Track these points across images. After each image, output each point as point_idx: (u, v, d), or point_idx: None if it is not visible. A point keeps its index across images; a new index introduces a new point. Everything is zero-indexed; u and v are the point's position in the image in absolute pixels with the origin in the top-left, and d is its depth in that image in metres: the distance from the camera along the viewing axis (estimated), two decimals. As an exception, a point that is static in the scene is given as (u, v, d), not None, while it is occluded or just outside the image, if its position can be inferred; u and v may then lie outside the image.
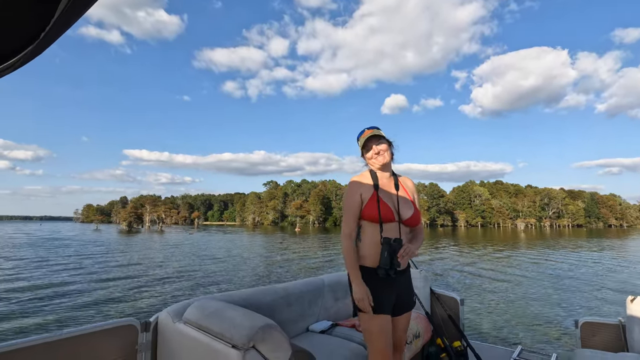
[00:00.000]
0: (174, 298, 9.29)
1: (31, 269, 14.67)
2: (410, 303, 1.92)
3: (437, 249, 25.30)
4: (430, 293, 3.11)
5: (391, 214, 1.81)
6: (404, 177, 2.01)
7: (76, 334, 1.70)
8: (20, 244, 28.56)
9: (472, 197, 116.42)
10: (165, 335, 1.94)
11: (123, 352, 1.86)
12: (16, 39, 1.22)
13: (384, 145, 1.88)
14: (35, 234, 45.61)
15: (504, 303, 8.43)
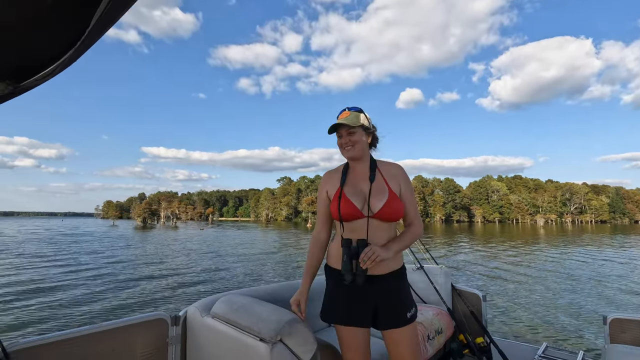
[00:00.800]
0: (186, 293, 9.51)
1: (45, 265, 15.27)
2: (402, 316, 1.54)
3: (454, 245, 24.96)
4: (451, 289, 3.08)
5: (354, 209, 1.55)
6: (387, 164, 1.69)
7: (113, 327, 1.78)
8: (35, 239, 29.60)
9: (490, 193, 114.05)
10: (194, 329, 2.00)
11: (155, 345, 1.93)
12: (55, 45, 1.27)
13: (355, 135, 1.60)
14: (53, 229, 47.35)
15: (527, 300, 8.28)
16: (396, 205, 1.55)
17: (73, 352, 1.66)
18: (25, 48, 1.32)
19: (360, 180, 1.63)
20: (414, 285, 3.12)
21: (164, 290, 9.92)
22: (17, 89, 1.56)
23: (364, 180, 1.62)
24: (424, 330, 2.52)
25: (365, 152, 1.65)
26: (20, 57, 1.40)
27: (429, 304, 3.03)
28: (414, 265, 3.18)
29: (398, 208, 1.55)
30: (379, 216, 1.53)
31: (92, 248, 21.98)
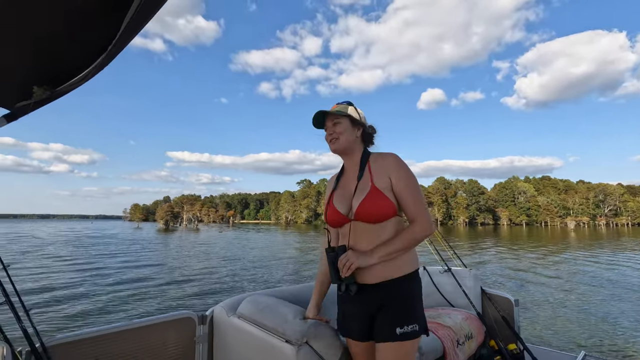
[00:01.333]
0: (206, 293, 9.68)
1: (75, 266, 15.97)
2: (386, 331, 1.33)
3: (479, 248, 24.22)
4: (481, 293, 2.97)
5: (338, 215, 1.43)
6: (380, 156, 1.48)
7: (144, 325, 1.82)
8: (63, 241, 30.96)
9: (516, 194, 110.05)
10: (220, 328, 2.02)
11: (183, 343, 1.96)
12: (88, 51, 1.30)
13: (340, 126, 1.47)
14: (81, 232, 49.55)
15: (561, 306, 7.89)
16: (376, 203, 1.34)
17: (106, 348, 1.71)
18: (60, 55, 1.37)
19: (350, 180, 1.50)
20: (441, 288, 3.03)
21: (184, 290, 10.15)
22: (54, 94, 1.62)
23: (353, 180, 1.48)
24: (453, 335, 2.44)
25: (353, 146, 1.50)
26: (55, 64, 1.45)
27: (457, 307, 2.93)
28: (441, 268, 3.09)
29: (378, 206, 1.34)
30: (358, 217, 1.37)
31: (112, 250, 22.80)
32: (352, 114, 1.48)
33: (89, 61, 1.36)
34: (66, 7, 1.05)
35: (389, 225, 1.37)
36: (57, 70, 1.43)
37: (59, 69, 1.43)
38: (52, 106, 1.58)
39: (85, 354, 1.66)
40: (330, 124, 1.50)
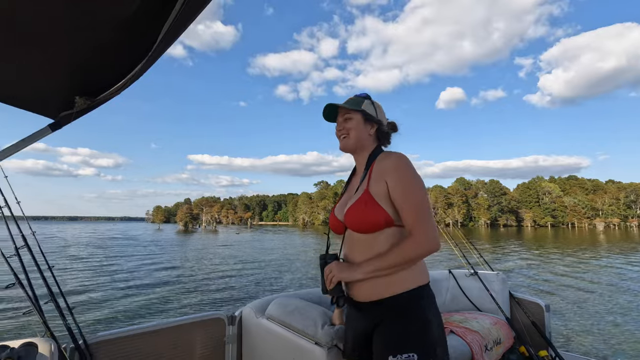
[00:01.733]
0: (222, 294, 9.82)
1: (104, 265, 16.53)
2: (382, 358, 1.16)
3: (502, 250, 23.54)
4: (509, 297, 2.90)
5: (335, 221, 1.36)
6: (385, 156, 1.29)
7: (177, 324, 1.89)
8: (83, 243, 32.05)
9: (540, 195, 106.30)
10: (249, 329, 2.06)
11: (213, 343, 2.01)
12: (126, 61, 1.36)
13: (351, 122, 1.32)
14: (104, 233, 51.31)
15: (594, 312, 7.59)
16: (363, 211, 1.18)
17: (142, 346, 1.78)
18: (100, 65, 1.44)
19: (356, 183, 1.36)
20: (468, 292, 2.98)
21: (207, 292, 10.35)
22: (94, 103, 1.70)
23: (357, 183, 1.34)
24: (481, 340, 2.39)
25: (365, 145, 1.33)
26: (95, 74, 1.53)
27: (484, 312, 2.87)
28: (467, 271, 3.03)
29: (365, 214, 1.18)
30: (348, 226, 1.25)
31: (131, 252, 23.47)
32: (366, 109, 1.32)
33: (127, 70, 1.43)
34: (106, 18, 1.11)
35: (383, 237, 1.19)
36: (97, 80, 1.51)
37: (99, 79, 1.51)
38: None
39: (123, 351, 1.74)
40: (341, 118, 1.35)
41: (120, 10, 1.05)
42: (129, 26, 1.14)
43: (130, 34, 1.19)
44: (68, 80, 1.45)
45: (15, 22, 1.06)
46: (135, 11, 1.07)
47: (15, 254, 1.61)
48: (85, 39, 1.22)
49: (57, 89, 1.48)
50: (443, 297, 3.03)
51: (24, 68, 1.35)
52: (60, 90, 1.49)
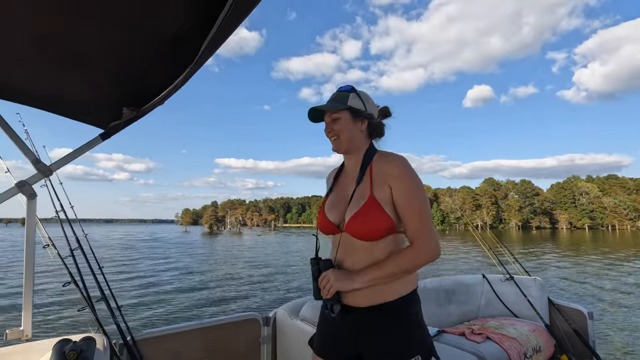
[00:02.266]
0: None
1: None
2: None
3: (535, 254, 22.49)
4: (548, 303, 2.78)
5: (328, 224, 1.25)
6: (385, 158, 1.22)
7: (215, 324, 1.96)
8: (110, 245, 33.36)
9: (577, 195, 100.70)
10: (283, 330, 2.11)
11: (249, 343, 2.07)
12: (170, 72, 1.43)
13: (339, 122, 1.23)
14: (134, 235, 53.53)
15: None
16: (371, 218, 1.13)
17: (183, 344, 1.87)
18: (146, 77, 1.53)
19: (348, 183, 1.28)
20: (503, 297, 2.89)
21: (236, 293, 10.57)
22: (140, 113, 1.80)
23: (352, 183, 1.25)
24: (520, 347, 2.32)
25: (357, 144, 1.25)
26: (141, 86, 1.63)
27: (521, 318, 2.77)
28: (502, 276, 2.94)
29: (373, 221, 1.12)
30: (349, 232, 1.17)
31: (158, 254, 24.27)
32: (353, 105, 1.22)
33: (170, 81, 1.52)
34: (152, 34, 1.19)
35: (383, 244, 1.15)
36: (143, 91, 1.61)
37: (144, 90, 1.60)
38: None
39: (167, 348, 1.83)
40: (328, 119, 1.25)
41: (166, 25, 1.12)
42: (173, 40, 1.21)
43: (174, 47, 1.26)
44: (117, 93, 1.56)
45: (69, 42, 1.15)
46: (179, 26, 1.14)
47: (70, 255, 1.73)
48: (133, 54, 1.31)
49: (107, 101, 1.59)
50: (477, 302, 2.95)
51: (78, 83, 1.47)
52: (109, 102, 1.60)
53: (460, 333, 2.44)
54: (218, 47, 1.20)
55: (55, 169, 1.57)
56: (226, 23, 1.03)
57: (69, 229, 1.84)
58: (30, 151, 1.53)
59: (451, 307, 2.78)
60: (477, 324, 2.66)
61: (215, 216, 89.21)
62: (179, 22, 1.11)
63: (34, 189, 1.51)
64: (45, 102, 1.56)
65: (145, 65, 1.39)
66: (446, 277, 2.97)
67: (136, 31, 1.14)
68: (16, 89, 1.48)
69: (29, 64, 1.29)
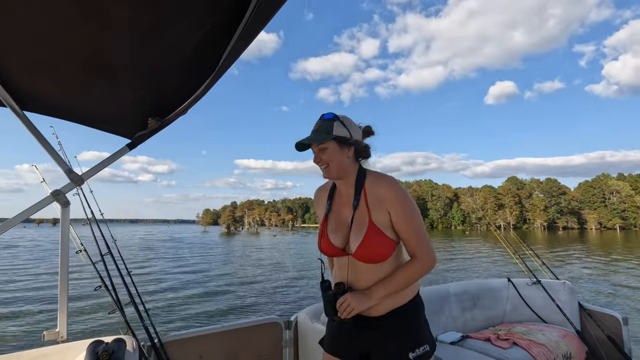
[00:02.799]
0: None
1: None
2: (402, 358, 1.24)
3: (562, 256, 21.62)
4: (578, 308, 2.67)
5: (333, 248, 1.31)
6: (376, 181, 1.30)
7: (238, 327, 2.00)
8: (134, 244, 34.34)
9: (607, 194, 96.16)
10: (305, 334, 2.11)
11: (271, 346, 2.10)
12: (192, 83, 1.47)
13: (327, 152, 1.28)
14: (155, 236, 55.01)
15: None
16: (376, 245, 1.22)
17: (208, 346, 1.91)
18: (169, 89, 1.57)
19: (344, 207, 1.34)
20: (530, 302, 2.79)
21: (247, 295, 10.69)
22: (164, 123, 1.85)
23: (348, 206, 1.32)
24: (549, 354, 2.24)
25: (347, 170, 1.31)
26: (165, 97, 1.67)
27: (550, 323, 2.67)
28: (529, 280, 2.85)
29: (379, 247, 1.22)
30: (356, 258, 1.25)
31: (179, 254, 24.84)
32: (338, 134, 1.27)
33: (192, 90, 1.56)
34: (175, 46, 1.22)
35: (390, 260, 1.26)
36: (166, 102, 1.66)
37: (168, 101, 1.65)
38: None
39: (192, 351, 1.87)
40: (315, 149, 1.31)
41: (188, 36, 1.15)
42: (195, 51, 1.25)
43: (196, 58, 1.30)
44: (142, 104, 1.61)
45: (96, 55, 1.20)
46: (201, 36, 1.17)
47: (101, 260, 1.80)
48: (157, 65, 1.35)
49: (133, 112, 1.65)
50: (503, 307, 2.87)
51: (106, 96, 1.53)
52: (135, 113, 1.66)
53: (485, 338, 2.38)
54: (239, 55, 1.22)
55: (86, 178, 1.64)
56: (246, 31, 1.04)
57: (99, 235, 1.91)
58: (63, 161, 1.60)
59: (475, 311, 2.72)
60: (503, 329, 2.59)
61: (233, 216, 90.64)
62: (201, 31, 1.14)
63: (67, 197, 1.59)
64: (77, 115, 1.64)
65: (169, 75, 1.43)
66: (470, 281, 2.90)
67: (160, 42, 1.18)
68: (49, 103, 1.56)
69: (59, 78, 1.36)
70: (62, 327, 1.48)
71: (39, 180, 1.74)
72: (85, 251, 1.69)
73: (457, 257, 20.16)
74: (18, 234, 52.82)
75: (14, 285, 12.95)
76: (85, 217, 1.85)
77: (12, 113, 1.50)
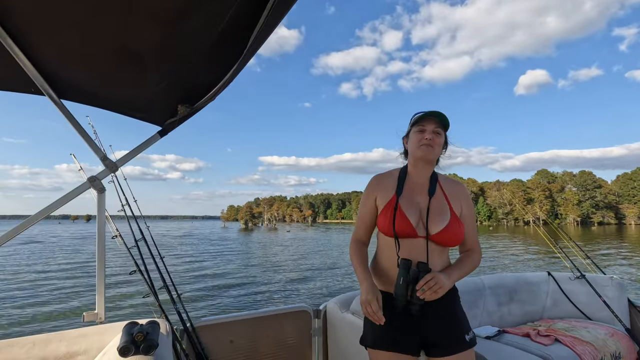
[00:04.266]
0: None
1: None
2: (461, 341, 1.32)
3: (600, 252, 20.49)
4: (628, 305, 2.49)
5: (410, 226, 1.34)
6: (450, 180, 1.49)
7: (267, 314, 2.00)
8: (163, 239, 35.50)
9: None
10: (333, 323, 2.08)
11: (301, 334, 2.08)
12: (220, 69, 1.44)
13: (440, 137, 1.40)
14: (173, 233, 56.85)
15: None
16: (458, 230, 1.36)
17: (238, 332, 1.92)
18: (199, 75, 1.56)
19: (417, 192, 1.42)
20: (573, 297, 2.63)
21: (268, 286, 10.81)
22: (193, 110, 1.84)
23: (422, 193, 1.42)
24: (596, 352, 2.09)
25: (433, 163, 1.47)
26: (194, 84, 1.66)
27: (595, 321, 2.50)
28: (572, 274, 2.68)
29: (459, 233, 1.36)
30: (437, 239, 1.34)
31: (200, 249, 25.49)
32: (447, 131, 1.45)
33: (220, 77, 1.54)
34: (203, 34, 1.20)
35: (447, 250, 1.41)
36: (196, 89, 1.65)
37: (197, 88, 1.65)
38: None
39: (222, 336, 1.89)
40: (430, 127, 1.39)
41: (214, 21, 1.13)
42: (222, 38, 1.22)
43: (223, 44, 1.27)
44: (172, 91, 1.61)
45: (128, 42, 1.20)
46: (227, 24, 1.14)
47: (135, 246, 1.83)
48: (185, 52, 1.34)
49: (164, 100, 1.66)
50: (542, 301, 2.71)
51: (138, 84, 1.54)
52: (166, 100, 1.67)
53: (524, 334, 2.26)
54: (265, 39, 1.20)
55: (121, 164, 1.67)
56: (272, 14, 1.02)
57: (133, 222, 1.95)
58: (99, 149, 1.63)
59: (512, 306, 2.58)
60: (543, 325, 2.45)
61: (251, 213, 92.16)
62: (227, 16, 1.11)
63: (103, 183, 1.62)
64: (111, 103, 1.66)
65: (198, 62, 1.42)
66: (506, 274, 2.76)
67: (188, 27, 1.17)
68: (85, 90, 1.59)
69: (93, 66, 1.38)
70: (101, 308, 1.52)
71: (76, 168, 1.78)
72: (120, 236, 1.73)
73: (486, 254, 19.59)
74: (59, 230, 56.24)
75: (57, 270, 13.82)
76: (120, 204, 1.89)
77: (50, 102, 1.54)
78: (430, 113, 1.38)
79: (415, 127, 1.42)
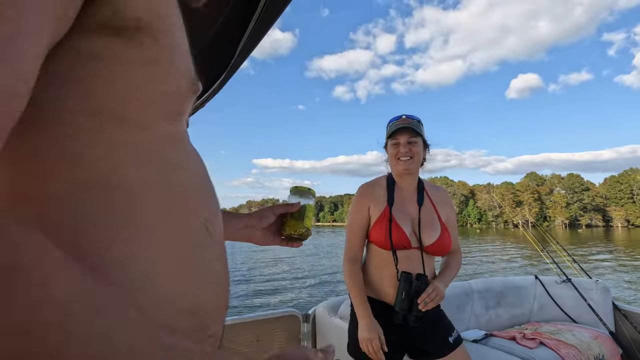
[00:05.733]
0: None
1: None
2: (446, 344, 1.36)
3: (588, 255, 20.86)
4: (612, 308, 2.53)
5: (405, 239, 1.34)
6: (435, 187, 1.52)
7: (256, 319, 1.98)
8: None
9: (635, 190, 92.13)
10: (322, 327, 2.08)
11: (289, 338, 2.08)
12: (215, 71, 1.43)
13: (416, 145, 1.38)
14: None
15: None
16: (449, 241, 1.41)
17: (228, 337, 1.90)
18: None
19: (407, 202, 1.43)
20: (559, 301, 2.66)
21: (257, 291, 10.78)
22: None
23: (411, 203, 1.44)
24: (579, 355, 2.12)
25: (418, 168, 1.47)
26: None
27: (580, 324, 2.54)
28: (558, 278, 2.71)
29: (450, 243, 1.41)
30: (430, 250, 1.37)
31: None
32: (423, 135, 1.44)
33: (210, 84, 1.53)
34: (192, 37, 1.19)
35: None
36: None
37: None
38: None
39: None
40: (403, 140, 1.38)
41: (204, 28, 1.12)
42: (212, 44, 1.22)
43: (213, 51, 1.27)
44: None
45: None
46: (217, 31, 1.14)
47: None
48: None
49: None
50: (529, 305, 2.74)
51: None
52: None
53: (510, 337, 2.28)
54: (255, 45, 1.20)
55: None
56: (261, 21, 1.02)
57: None
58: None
59: (500, 309, 2.61)
60: (530, 328, 2.47)
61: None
62: (217, 21, 1.11)
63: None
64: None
65: (196, 63, 1.41)
66: (494, 278, 2.79)
67: None
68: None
69: None
70: None
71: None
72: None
73: (474, 257, 19.79)
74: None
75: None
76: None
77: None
78: (400, 128, 1.37)
79: (390, 140, 1.42)
